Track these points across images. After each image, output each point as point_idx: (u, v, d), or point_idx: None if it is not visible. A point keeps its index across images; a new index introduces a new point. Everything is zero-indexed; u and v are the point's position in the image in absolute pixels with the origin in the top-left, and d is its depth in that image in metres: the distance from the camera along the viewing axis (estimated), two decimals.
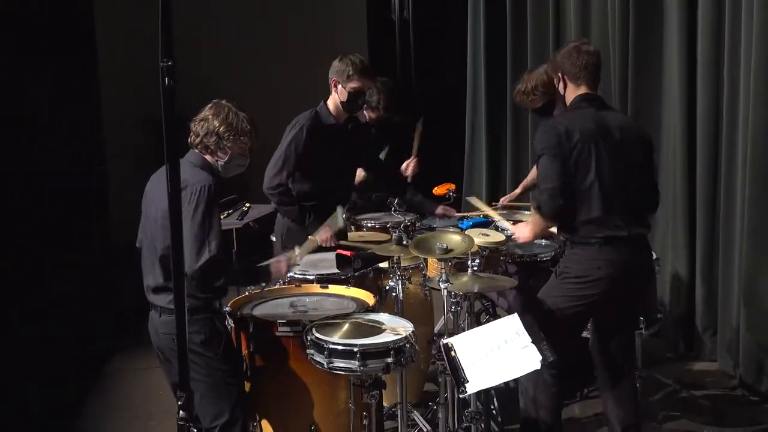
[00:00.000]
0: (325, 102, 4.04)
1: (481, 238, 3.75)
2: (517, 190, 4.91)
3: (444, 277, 3.17)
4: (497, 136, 7.01)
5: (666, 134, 4.98)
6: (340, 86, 3.94)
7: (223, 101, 3.06)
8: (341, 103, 3.98)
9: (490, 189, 6.98)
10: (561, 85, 3.33)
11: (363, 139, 4.30)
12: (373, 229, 4.50)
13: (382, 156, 4.87)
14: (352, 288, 3.49)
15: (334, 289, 3.50)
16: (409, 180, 4.71)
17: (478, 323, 4.01)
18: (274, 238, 4.21)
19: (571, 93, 3.30)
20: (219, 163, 3.02)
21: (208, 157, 3.02)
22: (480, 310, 4.49)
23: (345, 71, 3.91)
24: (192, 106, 3.07)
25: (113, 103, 7.75)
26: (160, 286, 2.95)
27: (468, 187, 7.26)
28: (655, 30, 4.95)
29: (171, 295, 2.86)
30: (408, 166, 4.68)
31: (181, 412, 2.08)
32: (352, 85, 3.92)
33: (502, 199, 4.81)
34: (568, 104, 3.31)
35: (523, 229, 3.46)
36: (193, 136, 3.03)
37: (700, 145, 4.69)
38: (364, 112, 4.80)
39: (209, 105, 3.06)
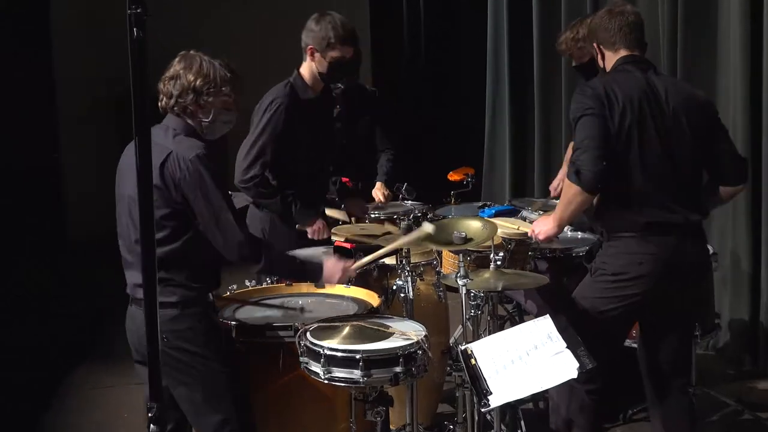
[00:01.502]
0: (299, 71, 3.98)
1: (504, 228, 3.76)
2: (563, 171, 4.84)
3: (462, 273, 3.17)
4: (522, 111, 7.01)
5: (723, 107, 4.97)
6: (318, 55, 3.88)
7: (192, 51, 3.02)
8: (319, 73, 3.93)
9: (513, 174, 6.97)
10: (599, 57, 3.37)
11: (339, 111, 4.33)
12: (377, 220, 4.51)
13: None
14: (352, 287, 3.49)
15: (331, 288, 3.51)
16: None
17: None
18: None
19: (610, 61, 3.33)
20: (202, 124, 2.98)
21: (189, 121, 2.98)
22: (504, 318, 4.50)
23: (324, 38, 3.84)
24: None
25: (68, 81, 7.77)
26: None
27: (489, 173, 7.26)
28: None
29: (159, 287, 2.84)
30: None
31: (152, 426, 2.08)
32: (333, 54, 3.86)
33: (552, 189, 4.67)
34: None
35: (544, 222, 3.36)
36: (165, 99, 2.98)
37: (766, 120, 4.69)
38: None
39: (176, 59, 3.01)
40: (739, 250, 4.95)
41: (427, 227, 3.17)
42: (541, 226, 3.37)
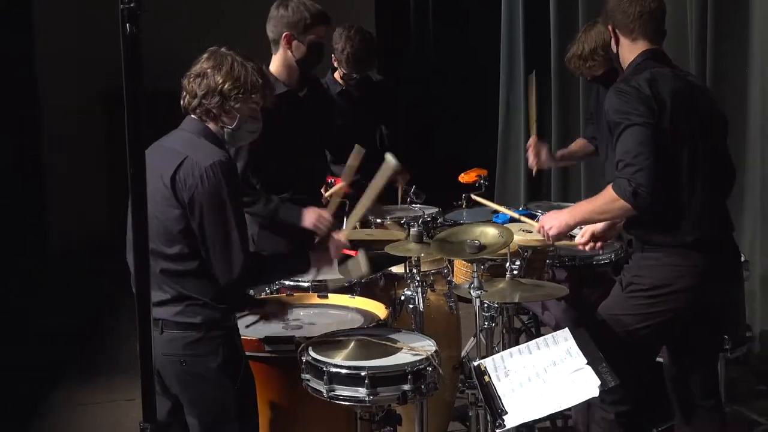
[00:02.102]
0: (267, 68, 3.92)
1: (521, 235, 3.76)
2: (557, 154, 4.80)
3: (476, 283, 3.18)
4: (538, 110, 6.99)
5: (753, 106, 4.98)
6: (295, 41, 3.88)
7: (223, 49, 2.93)
8: (298, 61, 3.92)
9: (529, 176, 6.96)
10: (613, 41, 3.32)
11: (324, 105, 4.24)
12: (382, 225, 4.52)
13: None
14: (358, 297, 3.50)
15: (335, 299, 3.51)
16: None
17: (518, 345, 4.03)
18: None
19: (627, 51, 3.28)
20: (225, 130, 2.91)
21: (211, 125, 2.91)
22: (520, 330, 4.50)
23: (300, 21, 3.84)
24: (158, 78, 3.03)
25: (53, 72, 7.77)
26: (165, 299, 2.84)
27: (502, 174, 7.26)
28: None
29: (180, 306, 2.82)
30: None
31: None
32: (312, 36, 3.87)
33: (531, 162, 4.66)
34: (624, 64, 3.29)
35: (555, 216, 3.29)
36: (188, 98, 2.89)
37: None
38: (334, 75, 4.88)
39: (205, 55, 2.92)
40: None
41: (390, 159, 3.19)
42: (551, 221, 3.30)
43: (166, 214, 2.80)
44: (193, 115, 2.92)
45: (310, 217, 3.64)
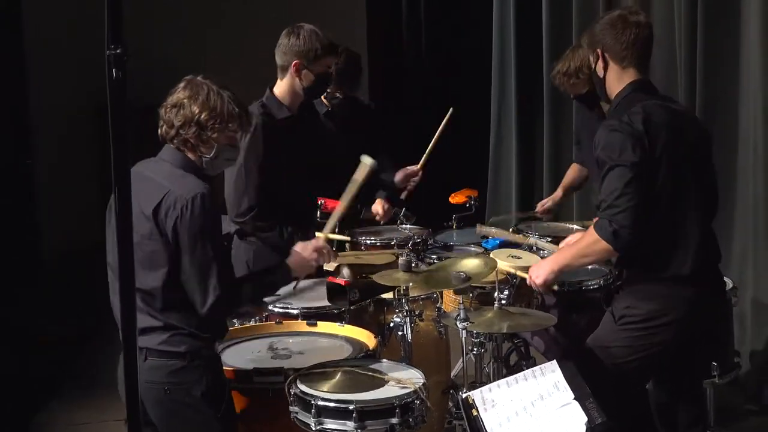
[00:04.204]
0: (272, 90, 4.01)
1: (510, 261, 3.77)
2: (558, 193, 4.95)
3: (462, 315, 3.18)
4: (530, 127, 7.01)
5: (744, 127, 4.99)
6: (305, 70, 3.92)
7: (199, 78, 2.97)
8: (305, 89, 3.97)
9: (520, 196, 6.96)
10: (600, 64, 3.27)
11: (316, 128, 4.30)
12: (373, 246, 4.52)
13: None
14: (347, 326, 3.51)
15: (324, 326, 3.52)
16: (403, 196, 4.72)
17: (507, 366, 4.05)
18: None
19: (615, 77, 3.25)
20: (203, 159, 2.94)
21: (189, 154, 2.94)
22: (509, 349, 4.51)
23: (311, 50, 3.89)
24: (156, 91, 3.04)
25: (45, 78, 7.74)
26: (147, 327, 2.86)
27: (493, 195, 7.25)
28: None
29: (165, 335, 2.85)
30: (406, 177, 4.59)
31: None
32: (320, 65, 3.92)
33: (539, 205, 4.82)
34: (611, 92, 3.29)
35: (542, 267, 3.34)
36: (166, 128, 2.94)
37: None
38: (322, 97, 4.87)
39: (182, 84, 2.96)
40: (761, 280, 4.96)
41: (366, 160, 3.29)
42: (537, 270, 3.35)
43: (148, 246, 2.83)
44: (171, 145, 2.95)
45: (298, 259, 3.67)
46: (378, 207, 4.78)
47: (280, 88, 4.01)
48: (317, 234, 3.49)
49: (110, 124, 1.96)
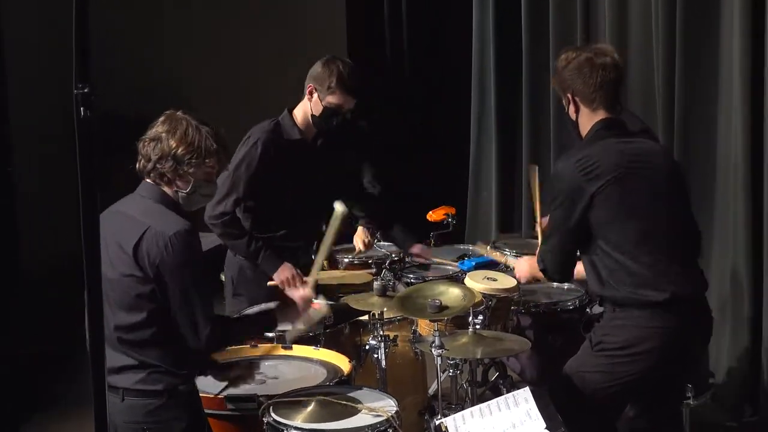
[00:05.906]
0: (290, 111, 4.04)
1: (485, 283, 3.79)
2: None
3: (437, 342, 3.19)
4: (511, 142, 7.02)
5: (724, 144, 5.00)
6: (316, 95, 3.93)
7: (179, 113, 2.93)
8: (312, 116, 3.98)
9: (500, 213, 6.95)
10: (572, 108, 3.31)
11: (337, 161, 4.22)
12: (351, 265, 4.53)
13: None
14: (322, 349, 3.51)
15: (299, 350, 3.53)
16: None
17: (485, 384, 4.07)
18: (223, 278, 4.23)
19: (586, 119, 3.29)
20: (179, 194, 2.91)
21: (166, 189, 2.91)
22: (488, 365, 4.52)
23: (326, 80, 3.88)
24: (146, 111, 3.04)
25: (26, 81, 7.67)
26: (124, 365, 2.85)
27: (473, 211, 7.23)
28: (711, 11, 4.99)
29: (141, 374, 2.83)
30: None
31: None
32: (331, 99, 3.90)
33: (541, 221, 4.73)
34: (583, 132, 3.32)
35: (522, 265, 3.59)
36: (143, 161, 2.91)
37: None
38: None
39: (161, 118, 2.93)
40: (739, 295, 4.98)
41: (339, 207, 3.39)
42: (519, 268, 3.59)
43: (126, 283, 2.81)
44: (147, 179, 2.93)
45: (284, 273, 3.71)
46: (358, 240, 4.76)
47: (299, 109, 4.03)
48: (305, 279, 3.62)
49: (78, 167, 1.96)
